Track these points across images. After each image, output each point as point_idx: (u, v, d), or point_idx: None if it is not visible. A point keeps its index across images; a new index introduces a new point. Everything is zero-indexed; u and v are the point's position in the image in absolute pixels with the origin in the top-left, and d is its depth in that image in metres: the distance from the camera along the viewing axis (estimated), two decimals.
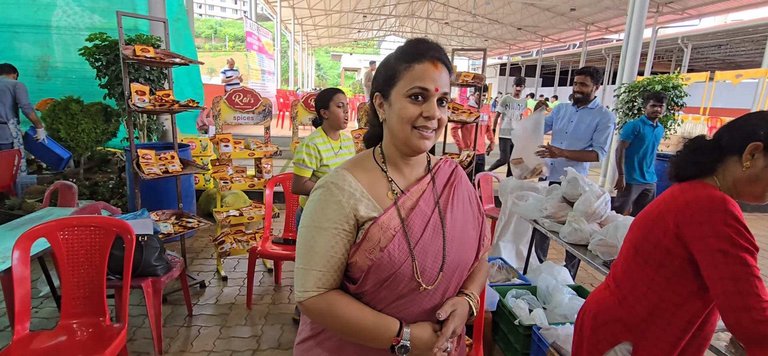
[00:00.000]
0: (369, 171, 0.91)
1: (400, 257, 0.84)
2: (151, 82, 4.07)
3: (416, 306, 0.88)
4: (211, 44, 51.07)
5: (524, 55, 32.12)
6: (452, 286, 0.92)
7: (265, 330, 2.53)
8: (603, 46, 22.90)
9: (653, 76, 4.77)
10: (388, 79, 0.88)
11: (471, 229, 0.96)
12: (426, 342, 0.86)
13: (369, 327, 0.84)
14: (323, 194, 0.86)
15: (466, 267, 0.95)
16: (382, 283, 0.85)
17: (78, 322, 1.79)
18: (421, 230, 0.87)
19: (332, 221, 0.84)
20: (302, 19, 24.32)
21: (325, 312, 0.85)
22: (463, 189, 0.99)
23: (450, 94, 0.89)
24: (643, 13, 5.37)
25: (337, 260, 0.85)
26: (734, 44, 19.68)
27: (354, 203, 0.85)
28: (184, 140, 4.60)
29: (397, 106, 0.86)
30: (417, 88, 0.84)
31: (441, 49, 0.89)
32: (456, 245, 0.91)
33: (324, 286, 0.85)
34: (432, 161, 1.00)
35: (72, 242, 1.83)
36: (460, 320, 0.90)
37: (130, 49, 2.62)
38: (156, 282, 2.17)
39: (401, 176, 0.93)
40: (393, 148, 0.92)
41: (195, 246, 3.75)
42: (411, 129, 0.86)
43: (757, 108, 13.37)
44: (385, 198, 0.89)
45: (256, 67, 13.21)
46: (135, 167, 2.68)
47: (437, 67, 0.85)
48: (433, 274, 0.87)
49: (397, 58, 0.88)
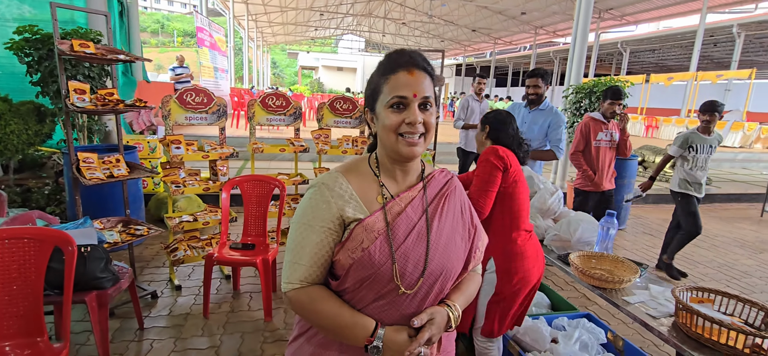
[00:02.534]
0: (362, 175, 0.95)
1: (380, 259, 0.87)
2: (92, 80, 3.77)
3: (396, 310, 0.90)
4: (158, 39, 48.35)
5: (478, 57, 33.14)
6: (433, 293, 0.92)
7: (224, 340, 2.42)
8: (551, 49, 24.13)
9: (598, 78, 5.08)
10: (373, 95, 0.94)
11: (459, 239, 0.98)
12: (399, 345, 0.87)
13: (345, 324, 0.88)
14: (315, 193, 0.91)
15: (450, 276, 0.95)
16: (362, 282, 0.88)
17: (11, 344, 1.62)
18: (405, 235, 0.90)
19: (321, 219, 0.89)
20: (256, 16, 23.61)
21: (305, 304, 0.89)
22: (456, 200, 1.01)
23: (434, 97, 0.91)
24: (588, 19, 5.69)
25: (322, 257, 0.89)
26: (666, 49, 21.41)
27: (342, 205, 0.89)
28: (130, 142, 4.31)
29: (381, 117, 0.91)
30: (395, 97, 0.88)
31: (417, 55, 0.91)
32: (440, 253, 0.92)
33: (307, 280, 0.89)
34: (426, 170, 1.02)
35: (2, 256, 1.65)
36: (436, 329, 0.90)
37: (67, 44, 2.41)
38: (101, 295, 2.01)
39: (393, 183, 0.96)
40: (385, 156, 0.96)
41: (145, 255, 3.52)
42: (396, 137, 0.90)
43: (686, 108, 14.64)
44: (374, 202, 0.92)
45: (208, 64, 12.62)
46: (75, 172, 2.47)
47: (413, 74, 0.89)
48: (413, 279, 0.89)
49: (377, 73, 0.94)
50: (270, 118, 3.46)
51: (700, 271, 3.91)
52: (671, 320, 1.62)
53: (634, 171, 4.84)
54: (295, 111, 3.54)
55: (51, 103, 3.89)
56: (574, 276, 1.98)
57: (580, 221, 2.21)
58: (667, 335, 1.52)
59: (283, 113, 3.49)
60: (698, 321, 1.45)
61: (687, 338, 1.50)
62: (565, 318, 2.26)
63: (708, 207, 6.53)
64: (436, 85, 0.95)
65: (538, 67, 3.31)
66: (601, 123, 3.34)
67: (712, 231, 5.20)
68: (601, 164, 3.34)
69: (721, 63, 21.91)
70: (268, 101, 3.43)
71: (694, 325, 1.48)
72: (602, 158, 3.35)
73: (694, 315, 1.46)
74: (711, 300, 1.66)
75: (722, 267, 4.04)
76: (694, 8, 15.64)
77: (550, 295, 2.67)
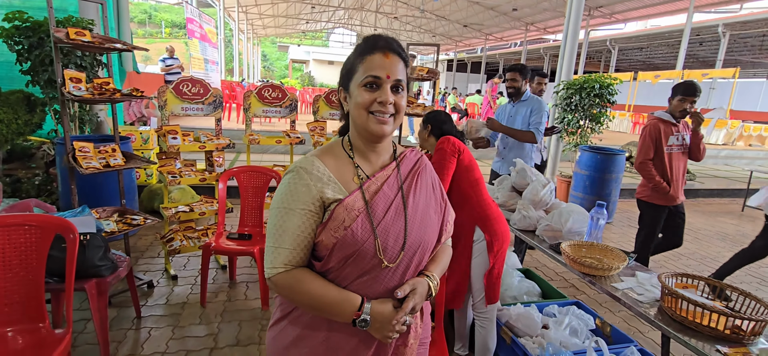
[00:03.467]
0: (337, 158, 0.98)
1: (363, 236, 0.90)
2: (84, 70, 3.73)
3: (380, 284, 0.94)
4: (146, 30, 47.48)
5: (469, 52, 33.25)
6: (413, 265, 0.98)
7: (222, 328, 2.45)
8: (541, 46, 24.30)
9: (588, 75, 5.17)
10: (348, 74, 0.97)
11: (433, 213, 1.03)
12: (386, 317, 0.92)
13: (333, 301, 0.91)
14: (293, 177, 0.93)
15: (427, 248, 1.01)
16: (346, 259, 0.91)
17: (14, 330, 1.63)
18: (384, 211, 0.94)
19: (301, 202, 0.90)
20: (247, 7, 23.35)
21: (292, 286, 0.91)
22: (427, 177, 1.06)
23: (406, 81, 0.96)
24: (579, 16, 5.78)
25: (305, 239, 0.91)
26: (654, 47, 21.75)
27: (321, 187, 0.92)
28: (122, 133, 4.28)
29: (354, 95, 0.94)
30: (370, 76, 0.92)
31: (393, 40, 0.95)
32: (417, 227, 0.97)
33: (291, 263, 0.91)
34: (398, 150, 1.07)
35: (3, 243, 1.66)
36: (419, 298, 0.96)
37: (63, 32, 2.39)
38: (101, 283, 2.02)
39: (367, 163, 1.00)
40: (358, 136, 0.99)
41: (139, 245, 3.52)
42: (368, 114, 0.93)
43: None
44: (351, 182, 0.95)
45: (198, 55, 12.51)
46: (71, 161, 2.46)
47: (388, 57, 0.93)
48: (395, 252, 0.93)
49: (353, 54, 0.98)
50: (266, 109, 3.47)
51: (683, 263, 4.04)
52: (657, 305, 1.70)
53: (621, 167, 4.95)
54: (291, 103, 3.55)
55: (41, 92, 3.84)
56: (565, 265, 2.06)
57: (570, 212, 2.28)
58: (653, 318, 1.60)
59: (279, 104, 3.50)
60: (682, 304, 1.53)
61: (672, 321, 1.58)
62: (556, 305, 2.34)
63: (691, 202, 6.71)
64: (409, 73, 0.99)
65: (515, 63, 3.38)
66: (672, 125, 2.86)
67: (696, 225, 5.36)
68: (675, 173, 2.88)
69: (706, 62, 22.36)
70: (264, 93, 3.43)
71: (679, 309, 1.55)
72: (675, 165, 2.89)
73: (679, 299, 1.54)
74: (694, 286, 1.74)
75: (705, 259, 4.18)
76: (680, 7, 15.93)
77: (541, 284, 2.75)
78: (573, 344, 2.00)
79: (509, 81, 3.33)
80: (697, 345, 1.42)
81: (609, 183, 4.88)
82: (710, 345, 1.42)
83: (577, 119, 5.20)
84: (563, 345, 1.99)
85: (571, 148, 5.43)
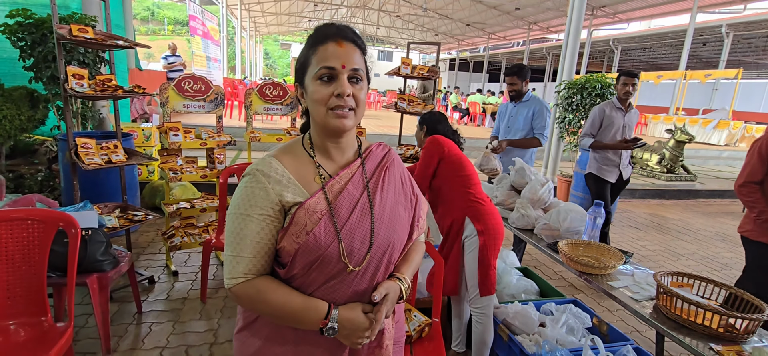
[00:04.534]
0: (297, 157, 0.92)
1: (327, 240, 0.85)
2: (86, 66, 3.76)
3: (347, 288, 0.89)
4: (149, 27, 47.55)
5: (472, 52, 33.19)
6: (383, 267, 0.93)
7: (222, 323, 2.47)
8: (544, 45, 24.25)
9: (590, 75, 5.17)
10: (302, 68, 0.91)
11: (402, 210, 0.98)
12: (355, 324, 0.88)
13: (297, 310, 0.86)
14: (250, 181, 0.87)
15: (396, 247, 0.96)
16: (310, 266, 0.86)
17: (16, 323, 1.65)
18: (349, 213, 0.89)
19: (259, 207, 0.85)
20: (249, 5, 23.35)
21: (253, 297, 0.86)
22: (395, 172, 1.01)
23: (366, 71, 0.90)
24: (581, 16, 5.78)
25: (265, 246, 0.86)
26: (657, 47, 21.68)
27: (280, 190, 0.86)
28: (124, 129, 4.31)
29: (310, 90, 0.88)
30: (324, 68, 0.85)
31: (346, 28, 0.89)
32: (385, 226, 0.92)
33: (251, 272, 0.86)
34: (363, 144, 1.01)
35: (5, 238, 1.68)
36: (390, 304, 0.92)
37: (66, 29, 2.41)
38: (102, 277, 2.05)
39: (330, 161, 0.94)
40: (318, 133, 0.93)
41: (140, 241, 3.55)
42: (326, 111, 0.87)
43: (674, 106, 14.89)
44: (312, 183, 0.90)
45: (200, 53, 12.53)
46: (73, 157, 2.48)
47: (342, 46, 0.86)
48: (361, 255, 0.88)
49: (306, 45, 0.91)
50: (267, 107, 3.49)
51: (683, 263, 4.05)
52: (653, 303, 1.71)
53: None
54: (292, 101, 3.57)
55: (44, 88, 3.87)
56: (562, 264, 2.07)
57: (569, 212, 2.30)
58: (648, 316, 1.61)
59: (280, 102, 3.52)
60: (677, 303, 1.54)
61: (667, 319, 1.59)
62: (553, 303, 2.35)
63: (692, 203, 6.71)
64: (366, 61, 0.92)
65: (513, 65, 3.39)
66: None
67: (696, 225, 5.36)
68: None
69: (709, 62, 22.28)
70: (266, 90, 3.45)
71: (674, 307, 1.57)
72: None
73: (674, 298, 1.55)
74: (690, 285, 1.75)
75: (704, 260, 4.18)
76: (684, 7, 15.86)
77: (538, 283, 2.76)
78: (569, 342, 2.01)
79: (509, 85, 3.35)
80: (691, 344, 1.44)
81: None
82: (704, 343, 1.43)
83: (578, 118, 5.20)
84: (560, 342, 2.00)
85: (571, 147, 5.44)
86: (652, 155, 7.77)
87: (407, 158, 3.37)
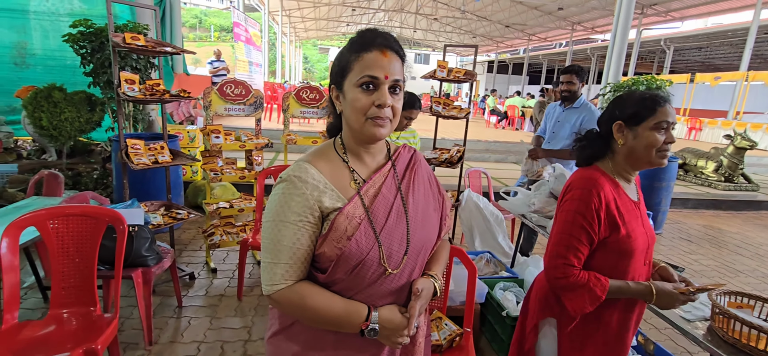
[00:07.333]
0: (331, 162, 0.92)
1: (367, 245, 0.86)
2: (138, 72, 4.00)
3: (384, 289, 0.90)
4: (196, 34, 50.09)
5: (512, 53, 32.43)
6: (418, 268, 0.95)
7: (256, 321, 2.53)
8: (588, 46, 23.28)
9: (638, 77, 4.89)
10: (341, 71, 0.89)
11: (432, 211, 1.00)
12: (395, 324, 0.89)
13: (339, 314, 0.87)
14: (287, 187, 0.86)
15: (429, 248, 0.98)
16: (351, 271, 0.87)
17: (68, 312, 1.77)
18: (386, 216, 0.90)
19: (297, 213, 0.85)
20: (290, 11, 24.05)
21: (296, 303, 0.86)
22: (423, 172, 1.02)
23: (403, 81, 0.90)
24: (630, 15, 5.49)
25: (303, 252, 0.86)
26: (714, 47, 20.23)
27: (318, 195, 0.86)
28: (171, 131, 4.54)
29: (350, 96, 0.87)
30: (367, 76, 0.84)
31: (390, 37, 0.88)
32: (419, 227, 0.94)
33: (291, 278, 0.86)
34: (391, 148, 1.01)
35: (62, 231, 1.80)
36: (425, 300, 0.94)
37: (120, 37, 2.57)
38: (146, 272, 2.15)
39: (362, 165, 0.94)
40: (351, 138, 0.93)
41: (183, 238, 3.72)
42: (365, 119, 0.86)
43: (734, 110, 13.81)
44: (348, 188, 0.90)
45: (243, 58, 13.03)
46: (124, 157, 2.64)
47: (386, 55, 0.85)
48: (399, 258, 0.90)
49: (347, 49, 0.89)
50: (303, 110, 3.55)
51: (742, 280, 3.73)
52: (707, 324, 1.58)
53: (673, 174, 4.65)
54: (328, 105, 3.62)
55: (101, 92, 4.15)
56: None
57: None
58: (701, 338, 1.49)
59: (317, 105, 3.58)
60: (735, 325, 1.41)
61: (723, 342, 1.46)
62: None
63: (753, 215, 6.18)
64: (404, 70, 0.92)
65: (573, 64, 3.23)
66: None
67: (757, 240, 4.93)
68: None
69: None
70: (303, 94, 3.52)
71: (731, 330, 1.43)
72: None
73: (731, 320, 1.42)
74: (751, 306, 1.60)
75: (766, 277, 3.83)
76: (746, 3, 14.70)
77: None
78: None
79: (565, 83, 3.16)
80: None
81: (658, 192, 4.60)
82: None
83: None
84: None
85: None
86: (707, 163, 7.22)
87: (442, 162, 3.32)
